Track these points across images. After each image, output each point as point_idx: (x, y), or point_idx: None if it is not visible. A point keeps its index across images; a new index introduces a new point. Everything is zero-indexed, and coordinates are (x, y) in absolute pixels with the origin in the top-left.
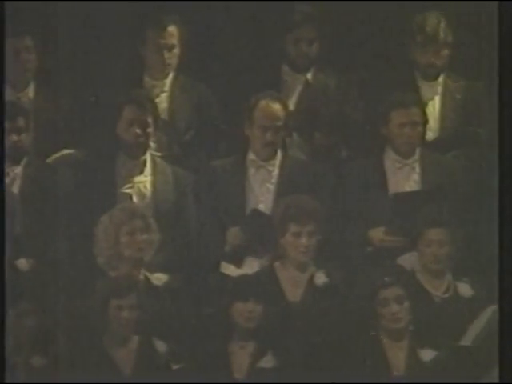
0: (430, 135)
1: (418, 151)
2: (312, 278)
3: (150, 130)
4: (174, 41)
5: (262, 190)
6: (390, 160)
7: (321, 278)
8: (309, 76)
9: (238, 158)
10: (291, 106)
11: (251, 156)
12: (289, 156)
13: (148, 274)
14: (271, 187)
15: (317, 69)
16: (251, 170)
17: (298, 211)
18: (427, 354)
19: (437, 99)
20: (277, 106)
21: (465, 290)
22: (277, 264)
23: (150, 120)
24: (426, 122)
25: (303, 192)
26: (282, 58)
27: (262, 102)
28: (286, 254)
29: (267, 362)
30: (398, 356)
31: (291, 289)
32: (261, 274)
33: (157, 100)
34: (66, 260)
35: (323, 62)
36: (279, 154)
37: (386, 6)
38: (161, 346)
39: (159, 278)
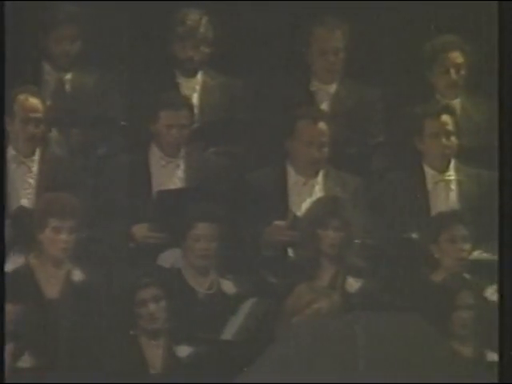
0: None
1: (182, 149)
2: (69, 274)
3: None
4: None
5: (25, 185)
6: (155, 157)
7: (77, 276)
8: (69, 75)
9: None
10: (49, 102)
11: (12, 151)
12: (48, 152)
13: None
14: (33, 182)
15: (77, 67)
16: (13, 166)
17: (59, 207)
18: (183, 351)
19: (195, 96)
20: (35, 101)
21: (228, 287)
22: (34, 261)
23: None
24: (192, 123)
25: (64, 188)
26: (43, 55)
27: (21, 97)
28: (44, 249)
29: (25, 361)
30: (155, 354)
31: (49, 286)
32: (18, 271)
33: None
34: None
35: (84, 61)
36: (38, 150)
37: (147, 3)
38: None
39: None
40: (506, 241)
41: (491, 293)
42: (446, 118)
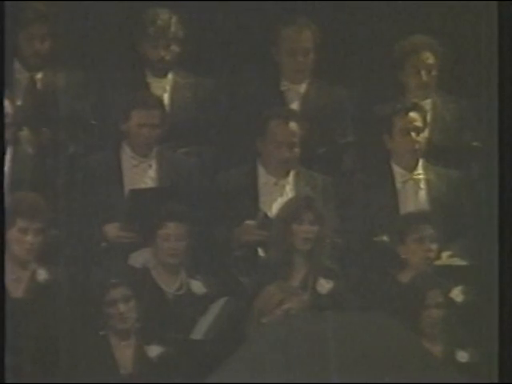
0: (163, 133)
1: (154, 149)
2: (34, 274)
3: None
4: None
5: None
6: (127, 157)
7: (42, 275)
8: (40, 74)
9: None
10: (20, 101)
11: None
12: (20, 151)
13: None
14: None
15: (48, 66)
16: None
17: (27, 207)
18: (153, 350)
19: (166, 96)
20: (6, 103)
21: (197, 287)
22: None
23: None
24: (164, 122)
25: (34, 187)
26: (13, 54)
27: None
28: (10, 249)
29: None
30: (125, 354)
31: (13, 285)
32: None
33: None
34: None
35: (55, 60)
36: (9, 149)
37: (117, 2)
38: None
39: None
40: (505, 241)
41: (456, 294)
42: (414, 114)
